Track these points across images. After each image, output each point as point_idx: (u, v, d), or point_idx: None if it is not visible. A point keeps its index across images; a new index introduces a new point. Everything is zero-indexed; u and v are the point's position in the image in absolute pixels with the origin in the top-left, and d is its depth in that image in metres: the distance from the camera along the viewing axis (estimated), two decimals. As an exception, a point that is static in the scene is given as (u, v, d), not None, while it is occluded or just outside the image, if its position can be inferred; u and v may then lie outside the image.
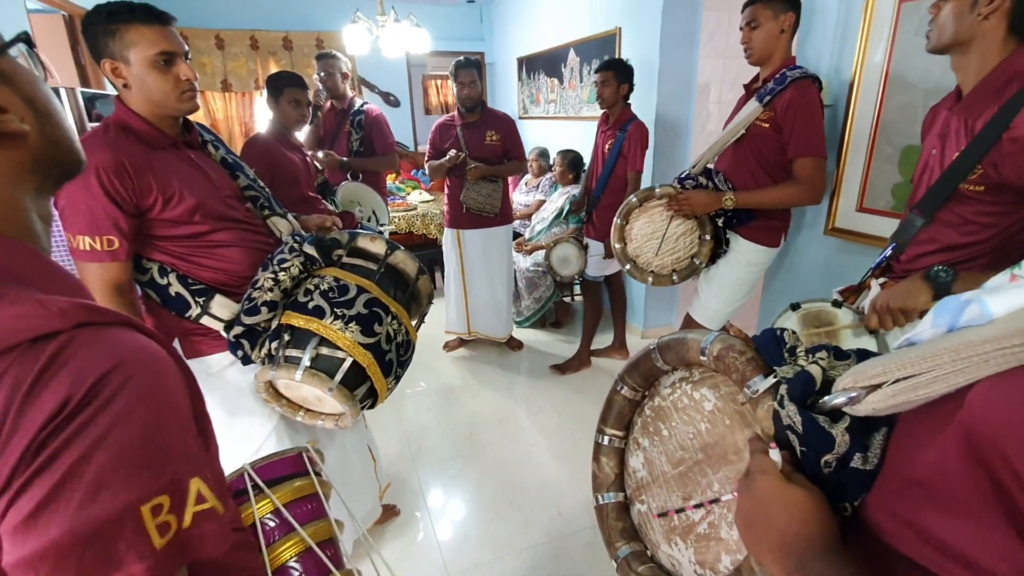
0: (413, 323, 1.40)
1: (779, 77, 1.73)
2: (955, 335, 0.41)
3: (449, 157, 2.82)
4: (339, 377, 1.18)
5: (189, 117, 1.30)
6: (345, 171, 2.89)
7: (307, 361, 1.17)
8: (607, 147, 2.69)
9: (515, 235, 3.86)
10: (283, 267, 1.25)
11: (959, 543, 0.38)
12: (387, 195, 3.36)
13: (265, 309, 1.24)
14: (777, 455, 0.52)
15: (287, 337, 1.22)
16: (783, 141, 1.76)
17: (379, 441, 2.14)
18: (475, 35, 5.31)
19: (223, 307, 1.28)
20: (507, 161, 2.95)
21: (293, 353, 1.19)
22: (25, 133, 0.46)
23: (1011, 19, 1.06)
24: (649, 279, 1.99)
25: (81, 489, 0.37)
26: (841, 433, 0.49)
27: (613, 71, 2.55)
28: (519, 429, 2.59)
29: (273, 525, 0.76)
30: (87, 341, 0.41)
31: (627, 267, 2.02)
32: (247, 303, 1.25)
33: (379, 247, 1.38)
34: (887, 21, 1.72)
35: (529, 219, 3.94)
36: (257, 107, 4.76)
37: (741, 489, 0.53)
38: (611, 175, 2.69)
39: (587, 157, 3.32)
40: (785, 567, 0.47)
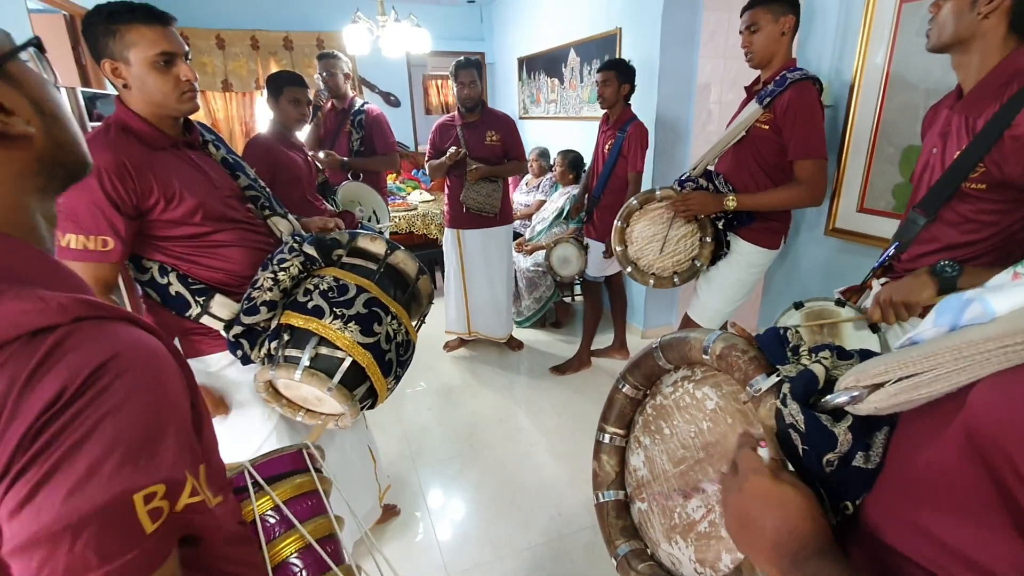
0: (413, 323, 1.40)
1: (779, 79, 1.73)
2: (957, 334, 0.41)
3: (449, 154, 2.82)
4: (338, 377, 1.18)
5: (190, 117, 1.30)
6: (346, 171, 2.89)
7: (306, 361, 1.17)
8: (607, 147, 2.69)
9: (515, 235, 3.86)
10: (283, 267, 1.25)
11: (960, 542, 0.38)
12: (387, 195, 3.36)
13: (264, 309, 1.24)
14: (766, 453, 0.52)
15: (286, 337, 1.22)
16: (783, 143, 1.76)
17: (379, 441, 2.14)
18: (475, 35, 5.31)
19: (223, 307, 1.28)
20: (507, 161, 2.95)
21: (292, 353, 1.19)
22: (31, 136, 0.47)
23: (1011, 17, 1.06)
24: (650, 281, 1.99)
25: (73, 476, 0.37)
26: (843, 432, 0.49)
27: (615, 71, 2.55)
28: (519, 429, 2.59)
29: (274, 522, 0.76)
30: (86, 335, 0.42)
31: (628, 269, 2.01)
32: (246, 303, 1.25)
33: (379, 247, 1.38)
34: (888, 22, 1.72)
35: (529, 219, 3.94)
36: (258, 107, 4.76)
37: (731, 488, 0.52)
38: (611, 175, 2.69)
39: (588, 157, 3.32)
40: (779, 567, 0.46)
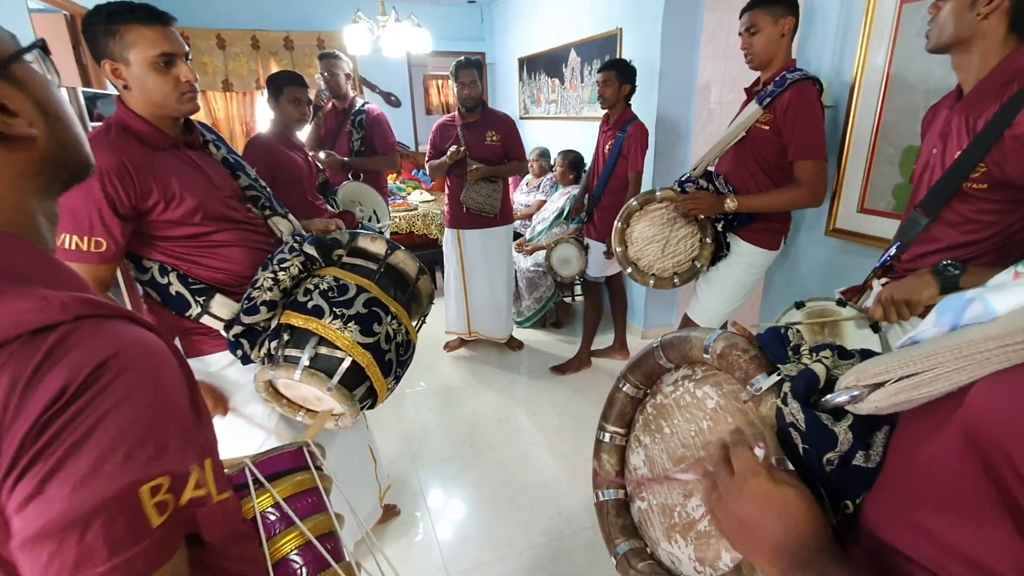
0: (414, 323, 1.40)
1: (779, 79, 1.73)
2: (958, 333, 0.41)
3: (450, 153, 2.82)
4: (338, 377, 1.17)
5: (190, 117, 1.29)
6: (346, 171, 2.89)
7: (306, 361, 1.17)
8: (608, 147, 2.69)
9: (516, 235, 3.86)
10: (283, 267, 1.25)
11: (959, 541, 0.38)
12: (388, 195, 3.36)
13: (264, 309, 1.24)
14: (762, 452, 0.51)
15: (286, 337, 1.21)
16: (783, 143, 1.75)
17: (379, 441, 2.14)
18: (476, 35, 5.31)
19: (223, 306, 1.28)
20: (507, 161, 2.95)
21: (292, 353, 1.19)
22: (34, 137, 0.47)
23: (1011, 18, 1.06)
24: (650, 282, 1.99)
25: (79, 470, 0.38)
26: (844, 431, 0.49)
27: (615, 71, 2.55)
28: (519, 429, 2.59)
29: (274, 519, 0.77)
30: (87, 332, 0.42)
31: (628, 270, 2.01)
32: (246, 302, 1.25)
33: (379, 247, 1.38)
34: (888, 22, 1.72)
35: (530, 219, 3.94)
36: (258, 107, 4.76)
37: (729, 489, 0.51)
38: (611, 175, 2.69)
39: (588, 157, 3.32)
40: (780, 567, 0.46)
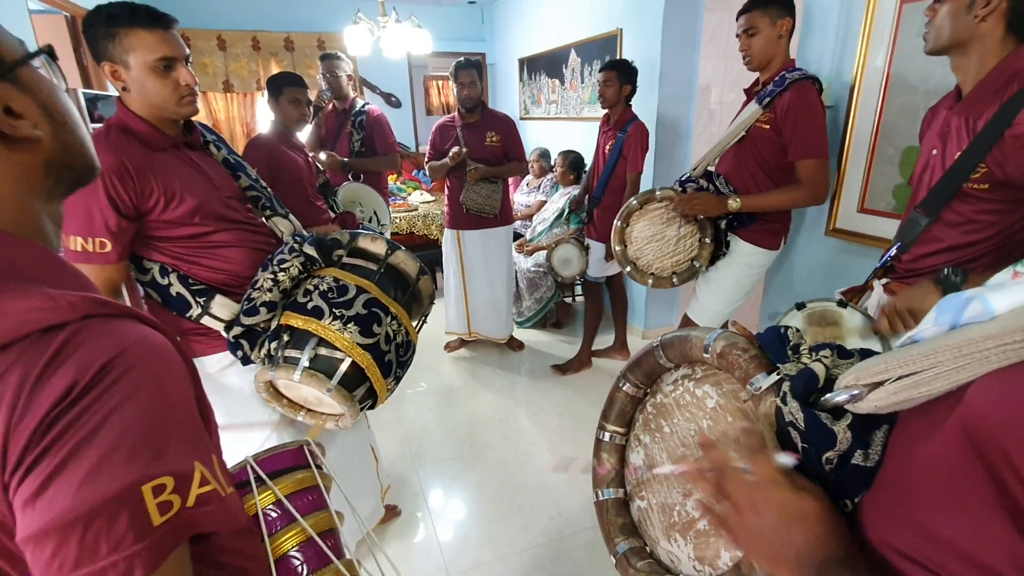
0: (414, 323, 1.40)
1: (778, 79, 1.73)
2: (957, 332, 0.41)
3: (452, 154, 2.82)
4: (337, 378, 1.17)
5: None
6: (346, 171, 2.89)
7: (306, 362, 1.17)
8: (608, 148, 2.69)
9: (516, 236, 3.86)
10: (282, 267, 1.25)
11: (958, 539, 0.38)
12: (388, 195, 3.36)
13: (264, 310, 1.24)
14: (787, 459, 0.50)
15: (286, 338, 1.21)
16: (784, 143, 1.75)
17: (380, 441, 2.14)
18: (476, 36, 5.32)
19: (223, 307, 1.28)
20: (507, 162, 2.95)
21: (292, 354, 1.19)
22: (37, 138, 0.48)
23: (1008, 19, 1.06)
24: (649, 281, 1.99)
25: (84, 469, 0.39)
26: (843, 430, 0.49)
27: (616, 71, 2.55)
28: (520, 429, 2.59)
29: (275, 516, 0.77)
30: (94, 331, 0.43)
31: (627, 269, 2.02)
32: (246, 303, 1.25)
33: (379, 247, 1.38)
34: (888, 23, 1.73)
35: (530, 220, 3.94)
36: (259, 108, 4.77)
37: (746, 499, 0.49)
38: (612, 176, 2.69)
39: (588, 158, 3.32)
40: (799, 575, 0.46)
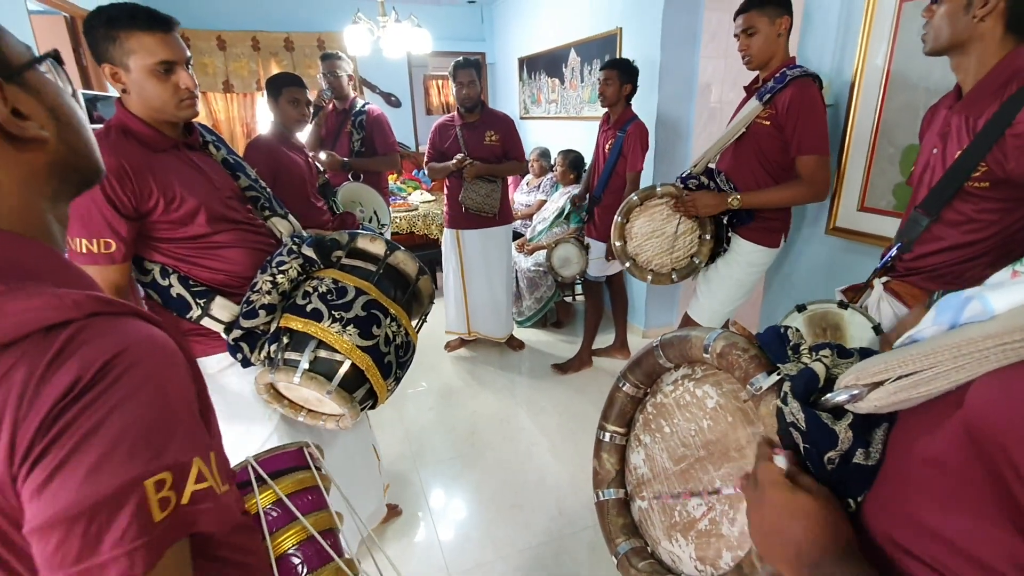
0: (414, 323, 1.40)
1: (779, 76, 1.73)
2: (956, 332, 0.41)
3: (456, 160, 2.82)
4: (337, 380, 1.17)
5: None
6: (347, 171, 2.89)
7: (305, 364, 1.17)
8: (608, 147, 2.69)
9: (516, 235, 3.86)
10: (281, 269, 1.24)
11: (958, 537, 0.38)
12: (388, 195, 3.36)
13: (263, 312, 1.23)
14: (782, 460, 0.51)
15: (286, 340, 1.21)
16: (785, 140, 1.75)
17: (381, 441, 2.14)
18: (476, 35, 5.31)
19: (223, 309, 1.28)
20: (506, 161, 2.95)
21: (292, 356, 1.19)
22: (44, 139, 0.49)
23: (1007, 18, 1.05)
24: (648, 277, 1.99)
25: (87, 463, 0.39)
26: (844, 430, 0.49)
27: (617, 70, 2.55)
28: (520, 429, 2.59)
29: (275, 515, 0.78)
30: (98, 329, 0.44)
31: (627, 265, 2.02)
32: (245, 306, 1.24)
33: (379, 247, 1.37)
34: (888, 21, 1.72)
35: (530, 219, 3.94)
36: (259, 108, 4.77)
37: (751, 501, 0.52)
38: (612, 175, 2.69)
39: (588, 157, 3.32)
40: (801, 574, 0.46)
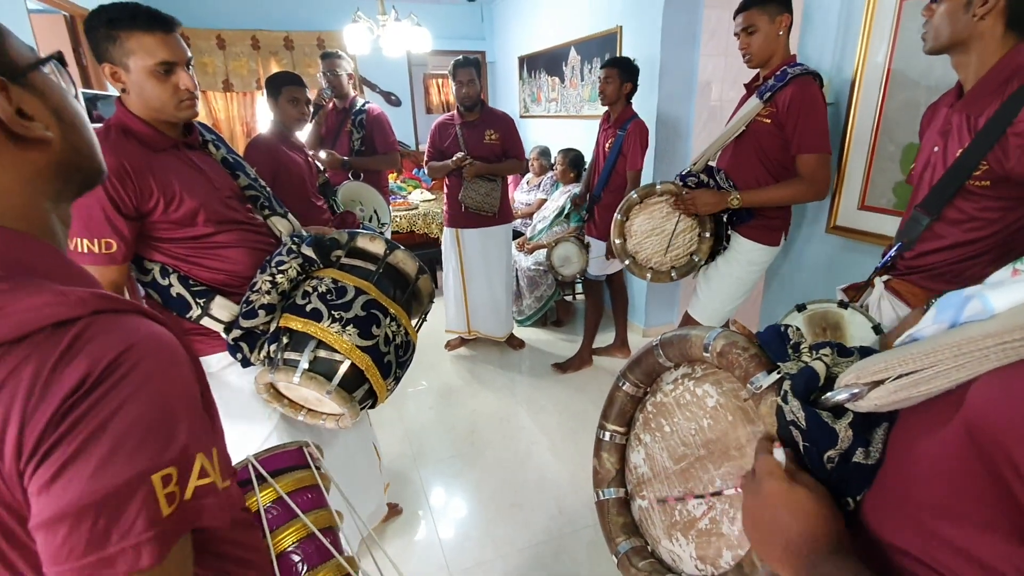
0: (414, 323, 1.40)
1: (780, 74, 1.73)
2: (957, 330, 0.41)
3: (455, 159, 2.82)
4: (337, 380, 1.17)
5: None
6: (347, 170, 2.89)
7: (305, 364, 1.17)
8: (608, 145, 2.69)
9: (517, 234, 3.86)
10: (280, 269, 1.24)
11: (959, 537, 0.38)
12: (388, 194, 3.36)
13: (263, 312, 1.23)
14: (781, 454, 0.52)
15: (285, 340, 1.21)
16: (785, 138, 1.75)
17: (381, 440, 2.15)
18: (476, 34, 5.31)
19: (223, 308, 1.28)
20: (506, 160, 2.94)
21: (291, 356, 1.19)
22: (48, 139, 0.49)
23: (1007, 16, 1.05)
24: (648, 275, 1.99)
25: (96, 457, 0.40)
26: (844, 429, 0.49)
27: (618, 69, 2.55)
28: (520, 428, 2.59)
29: (275, 513, 0.79)
30: (103, 326, 0.45)
31: (626, 262, 2.02)
32: (245, 306, 1.24)
33: (378, 247, 1.37)
34: (889, 19, 1.72)
35: (530, 218, 3.94)
36: (258, 107, 4.76)
37: (747, 490, 0.53)
38: (612, 173, 2.69)
39: (588, 156, 3.32)
40: (792, 567, 0.46)
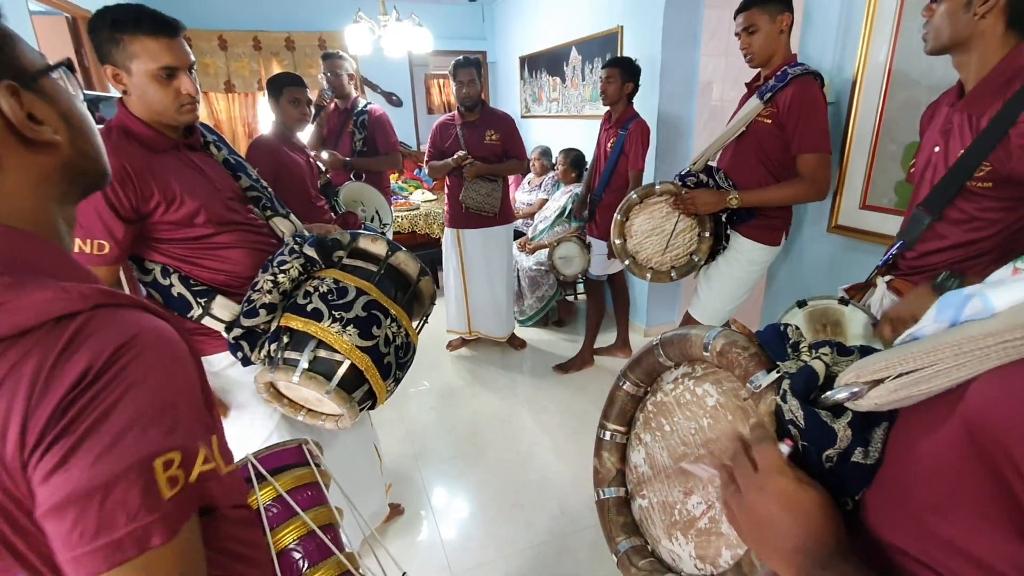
0: (415, 324, 1.40)
1: (780, 74, 1.73)
2: (957, 329, 0.41)
3: (456, 157, 2.82)
4: (336, 380, 1.18)
5: None
6: (348, 171, 2.90)
7: (305, 364, 1.17)
8: (609, 145, 2.69)
9: (518, 234, 3.86)
10: (282, 269, 1.25)
11: (958, 537, 0.38)
12: (390, 195, 3.36)
13: (264, 311, 1.23)
14: (786, 448, 0.51)
15: (286, 339, 1.22)
16: (786, 138, 1.75)
17: (383, 440, 2.15)
18: (477, 34, 5.31)
19: (224, 308, 1.29)
20: (507, 160, 2.94)
21: (291, 355, 1.19)
22: (57, 143, 0.51)
23: (1008, 15, 1.05)
24: (648, 275, 1.99)
25: (101, 444, 0.42)
26: (843, 428, 0.49)
27: (619, 68, 2.55)
28: (522, 428, 2.59)
29: (275, 511, 0.79)
30: (105, 320, 0.46)
31: (626, 263, 2.02)
32: (246, 305, 1.25)
33: (380, 248, 1.37)
34: (890, 18, 1.71)
35: (532, 218, 3.94)
36: (260, 108, 4.77)
37: (749, 487, 0.51)
38: (613, 174, 2.69)
39: (590, 156, 3.32)
40: (797, 567, 0.46)
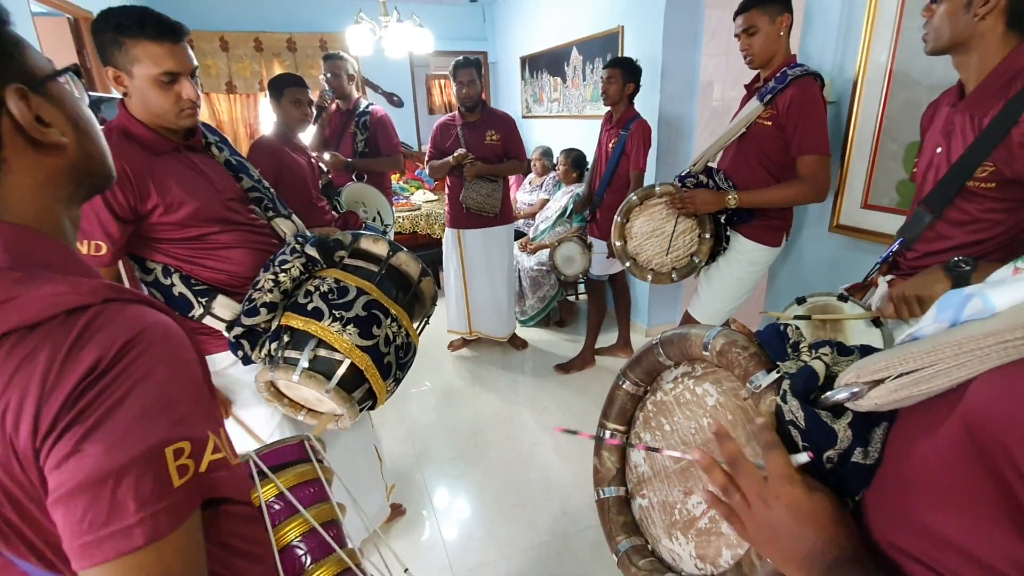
0: (416, 325, 1.40)
1: (780, 75, 1.72)
2: (957, 329, 0.41)
3: (456, 155, 2.82)
4: (336, 379, 1.18)
5: None
6: (350, 172, 2.90)
7: (305, 363, 1.17)
8: (610, 145, 2.69)
9: (519, 234, 3.86)
10: (283, 268, 1.25)
11: (958, 537, 0.38)
12: (392, 195, 3.37)
13: (264, 310, 1.24)
14: (804, 457, 0.50)
15: (286, 338, 1.22)
16: (786, 139, 1.75)
17: (384, 441, 2.15)
18: (478, 35, 5.31)
19: (225, 307, 1.29)
20: (507, 160, 2.94)
21: (292, 354, 1.20)
22: (64, 145, 0.53)
23: (1008, 15, 1.05)
24: (648, 277, 1.99)
25: (112, 432, 0.43)
26: (843, 428, 0.49)
27: (620, 69, 2.55)
28: (523, 428, 2.59)
29: (278, 508, 0.80)
30: (113, 314, 0.48)
31: (627, 264, 2.02)
32: (247, 304, 1.25)
33: (381, 248, 1.38)
34: (891, 18, 1.71)
35: (533, 218, 3.94)
36: (262, 108, 4.78)
37: (760, 498, 0.50)
38: (614, 174, 2.69)
39: (590, 156, 3.32)
40: (811, 574, 0.46)
